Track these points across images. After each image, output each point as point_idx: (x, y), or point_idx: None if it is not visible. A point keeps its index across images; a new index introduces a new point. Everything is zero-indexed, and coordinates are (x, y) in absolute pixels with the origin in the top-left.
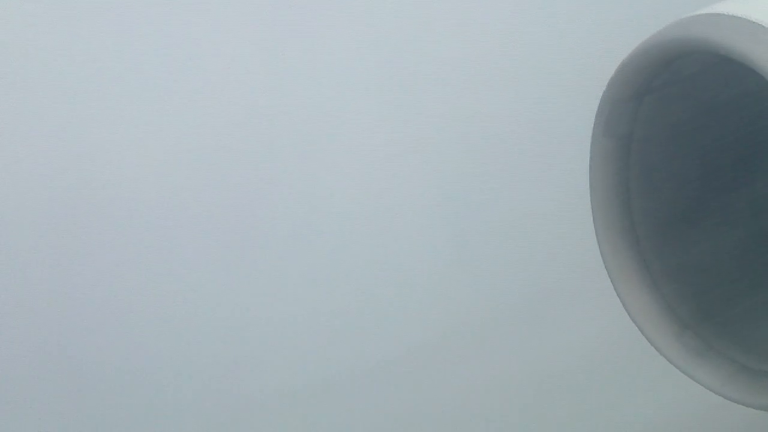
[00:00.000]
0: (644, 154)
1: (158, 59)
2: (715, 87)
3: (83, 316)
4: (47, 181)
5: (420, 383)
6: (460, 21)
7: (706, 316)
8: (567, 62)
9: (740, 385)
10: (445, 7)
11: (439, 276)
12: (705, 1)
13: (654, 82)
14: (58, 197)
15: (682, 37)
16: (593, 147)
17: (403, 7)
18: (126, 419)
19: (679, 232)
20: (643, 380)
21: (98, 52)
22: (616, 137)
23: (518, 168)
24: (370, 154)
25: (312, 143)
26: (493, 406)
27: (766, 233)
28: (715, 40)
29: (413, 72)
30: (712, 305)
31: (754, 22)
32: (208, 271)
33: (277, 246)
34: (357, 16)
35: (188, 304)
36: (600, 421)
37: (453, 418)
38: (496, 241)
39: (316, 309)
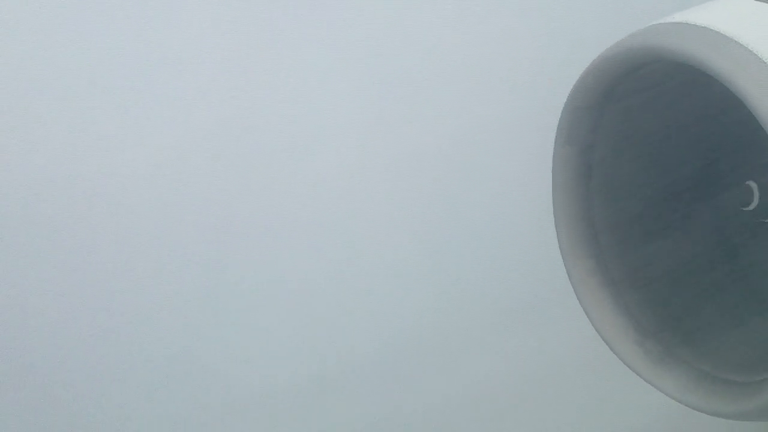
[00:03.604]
0: (606, 163)
1: (150, 64)
2: (678, 95)
3: (80, 316)
4: (45, 181)
5: (405, 383)
6: (434, 29)
7: (667, 324)
8: (529, 71)
9: (702, 393)
10: (418, 16)
11: (412, 281)
12: (666, 10)
13: (616, 90)
14: (56, 197)
15: (644, 45)
16: (555, 155)
17: (387, 16)
18: (120, 418)
19: (642, 240)
20: (607, 387)
21: (95, 52)
22: (578, 145)
23: (490, 173)
24: (356, 158)
25: (297, 145)
26: (473, 405)
27: (728, 242)
28: (676, 48)
29: (388, 75)
30: (673, 313)
31: (714, 31)
32: (199, 269)
33: (265, 247)
34: (345, 21)
35: (181, 303)
36: (568, 426)
37: (437, 418)
38: (466, 247)
39: (302, 309)
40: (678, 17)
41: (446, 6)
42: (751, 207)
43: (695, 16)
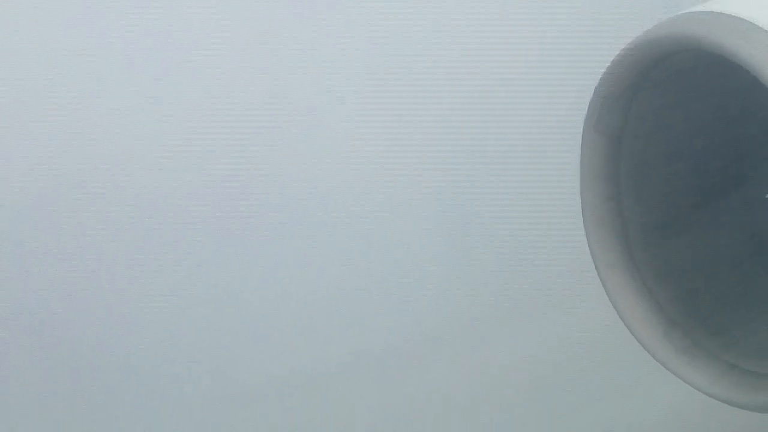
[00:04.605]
0: (635, 151)
1: (151, 59)
2: (707, 84)
3: (79, 313)
4: (43, 179)
5: (411, 377)
6: (452, 16)
7: (694, 314)
8: (559, 59)
9: (727, 384)
10: (437, 3)
11: (431, 272)
12: None
13: (645, 79)
14: (53, 195)
15: (673, 34)
16: (584, 143)
17: (395, 8)
18: (119, 414)
19: (669, 229)
20: (634, 378)
21: (93, 51)
22: (607, 133)
23: (511, 164)
24: (366, 150)
25: (308, 140)
26: (484, 401)
27: (757, 232)
28: (705, 37)
29: (408, 69)
30: (701, 304)
31: (744, 20)
32: (201, 267)
33: (274, 241)
34: (350, 16)
35: (185, 299)
36: (590, 418)
37: (442, 412)
38: (489, 238)
39: (311, 304)
40: (709, 6)
41: None
42: None
43: (726, 4)
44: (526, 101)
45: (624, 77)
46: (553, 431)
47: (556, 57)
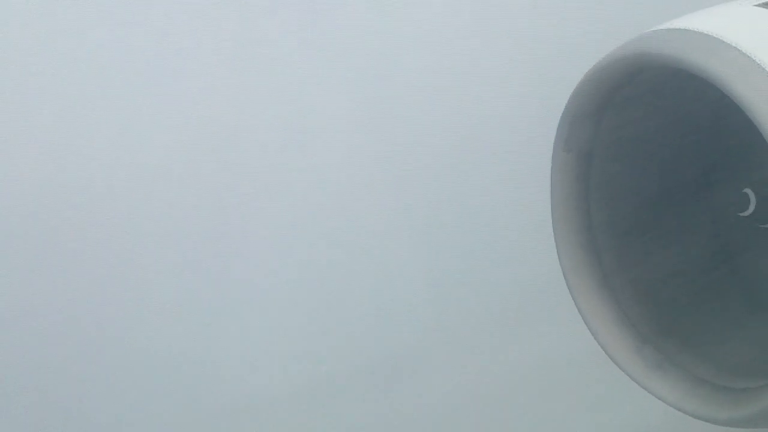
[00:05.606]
0: (605, 168)
1: (147, 66)
2: (676, 102)
3: (79, 319)
4: (45, 182)
5: (400, 388)
6: (435, 37)
7: (666, 330)
8: (529, 78)
9: (699, 400)
10: (419, 23)
11: (413, 284)
12: (665, 16)
13: (614, 96)
14: (56, 198)
15: (643, 52)
16: (554, 161)
17: (386, 21)
18: (119, 418)
19: (640, 246)
20: (605, 394)
21: (93, 55)
22: (577, 152)
23: (490, 183)
24: (359, 165)
25: (297, 147)
26: (471, 409)
27: (726, 247)
28: (674, 55)
29: (390, 90)
30: (672, 319)
31: (713, 37)
32: (199, 271)
33: (264, 248)
34: (341, 23)
35: (181, 305)
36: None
37: (432, 422)
38: (464, 254)
39: (302, 314)
40: (677, 23)
41: (447, 14)
42: (748, 213)
43: (694, 22)
44: (500, 117)
45: (593, 96)
46: None
47: (525, 77)
